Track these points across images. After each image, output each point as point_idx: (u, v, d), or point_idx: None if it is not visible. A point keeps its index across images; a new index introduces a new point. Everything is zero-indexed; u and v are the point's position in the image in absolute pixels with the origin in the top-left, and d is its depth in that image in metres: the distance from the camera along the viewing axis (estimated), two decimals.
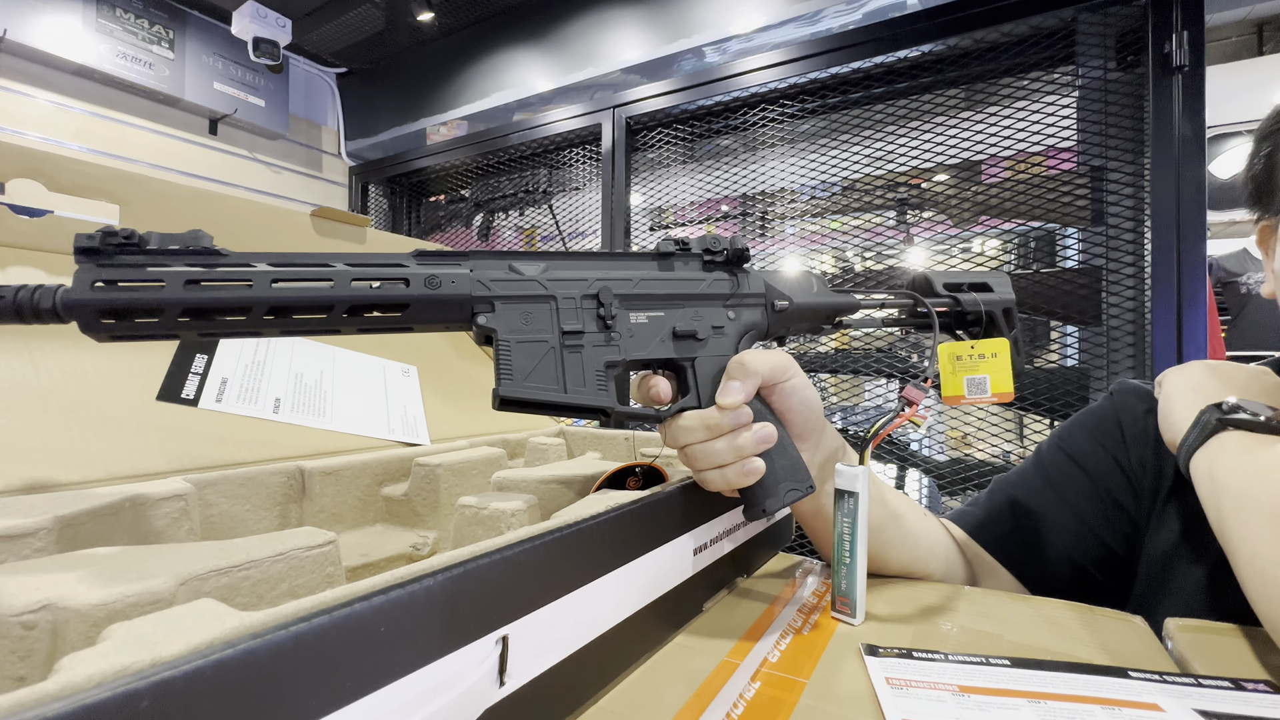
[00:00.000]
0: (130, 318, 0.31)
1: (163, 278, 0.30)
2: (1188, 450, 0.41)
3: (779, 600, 0.44)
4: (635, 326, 0.40)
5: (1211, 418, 0.41)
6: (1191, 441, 0.41)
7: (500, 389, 0.35)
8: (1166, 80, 0.96)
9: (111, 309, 0.30)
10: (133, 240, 0.30)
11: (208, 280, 0.31)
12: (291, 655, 0.17)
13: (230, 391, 0.54)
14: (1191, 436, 0.41)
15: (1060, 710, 0.29)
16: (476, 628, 0.24)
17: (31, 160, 0.50)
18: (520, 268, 0.38)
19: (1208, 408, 0.42)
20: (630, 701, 0.31)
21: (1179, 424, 0.43)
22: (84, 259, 0.30)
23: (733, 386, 0.39)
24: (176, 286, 0.31)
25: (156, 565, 0.27)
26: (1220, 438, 0.40)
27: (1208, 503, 0.39)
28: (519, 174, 1.85)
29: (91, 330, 0.30)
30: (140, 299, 0.30)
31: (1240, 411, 0.40)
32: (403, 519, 0.53)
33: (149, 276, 0.30)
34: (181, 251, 0.31)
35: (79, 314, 0.30)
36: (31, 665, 0.23)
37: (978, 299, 0.47)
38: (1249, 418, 0.40)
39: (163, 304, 0.30)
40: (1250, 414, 0.40)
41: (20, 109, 1.73)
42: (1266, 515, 0.34)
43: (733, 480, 0.38)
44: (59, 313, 0.29)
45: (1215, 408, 0.42)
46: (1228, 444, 0.39)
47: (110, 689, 0.14)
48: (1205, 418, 0.41)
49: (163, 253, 0.31)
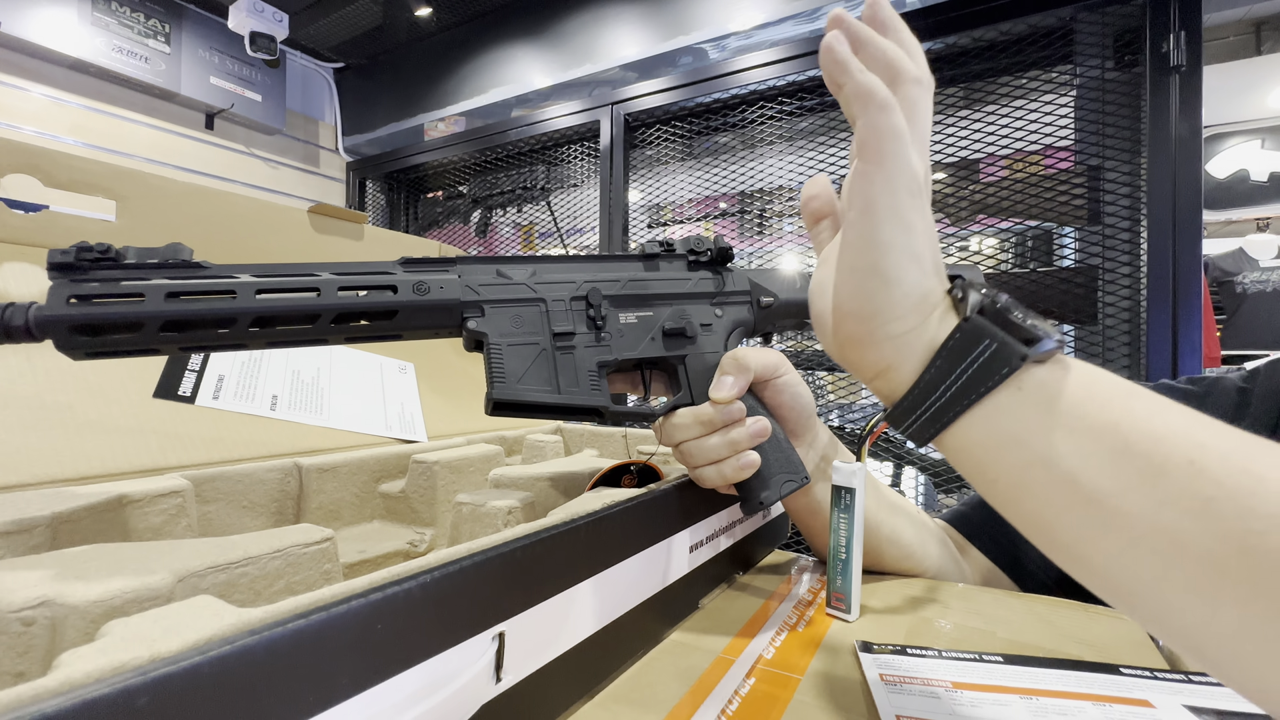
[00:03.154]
0: (108, 333, 0.30)
1: (142, 291, 0.30)
2: (945, 404, 0.24)
3: (774, 597, 0.45)
4: (625, 326, 0.40)
5: (1007, 346, 0.23)
6: (960, 387, 0.23)
7: (494, 392, 0.35)
8: (1164, 80, 0.96)
9: (88, 325, 0.29)
10: (109, 254, 0.30)
11: (189, 293, 0.30)
12: (289, 651, 0.17)
13: (227, 389, 0.54)
14: (957, 378, 0.23)
15: (1052, 706, 0.30)
16: (472, 624, 0.24)
17: (27, 155, 0.50)
18: (508, 272, 0.38)
19: (973, 319, 0.24)
20: (626, 698, 0.31)
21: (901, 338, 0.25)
22: (58, 274, 0.29)
23: (726, 381, 0.39)
24: (157, 299, 0.30)
25: (154, 562, 0.27)
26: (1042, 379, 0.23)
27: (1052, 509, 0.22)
28: (517, 170, 1.84)
29: (67, 348, 0.29)
30: (118, 313, 0.29)
31: (1036, 326, 0.23)
32: (400, 516, 0.53)
33: (127, 290, 0.30)
34: (161, 265, 0.31)
35: (53, 331, 0.29)
36: (30, 661, 0.23)
37: None
38: (1054, 344, 0.23)
39: (142, 318, 0.30)
40: (1047, 331, 0.23)
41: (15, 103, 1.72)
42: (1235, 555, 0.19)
43: (728, 475, 0.38)
44: (31, 330, 0.28)
45: (990, 318, 0.23)
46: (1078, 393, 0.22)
47: (109, 685, 0.14)
48: (990, 344, 0.23)
49: (141, 266, 0.30)
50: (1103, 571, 0.22)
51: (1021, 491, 0.23)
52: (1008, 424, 0.23)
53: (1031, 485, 0.23)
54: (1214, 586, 0.19)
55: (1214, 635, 0.19)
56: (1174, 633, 0.21)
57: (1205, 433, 0.21)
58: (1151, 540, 0.20)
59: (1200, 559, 0.19)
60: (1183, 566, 0.20)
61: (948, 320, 0.25)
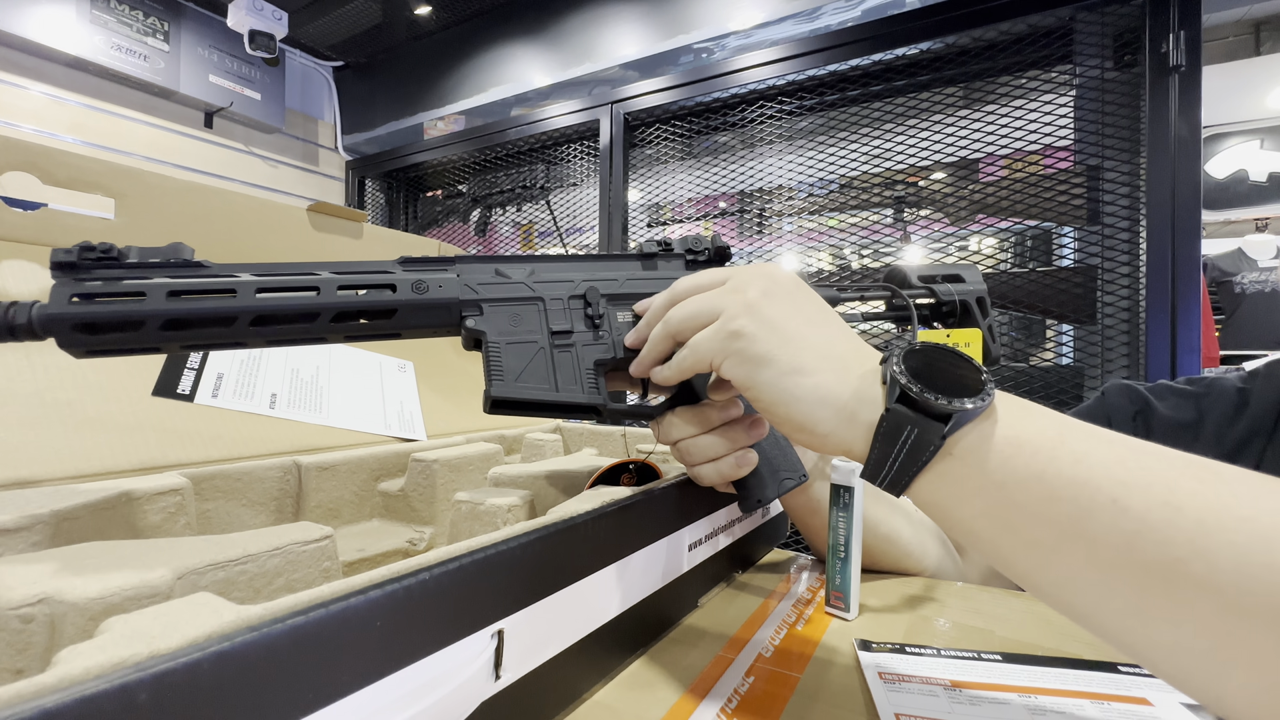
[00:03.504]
0: (110, 331, 0.30)
1: (143, 289, 0.30)
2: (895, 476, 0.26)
3: (774, 595, 0.45)
4: (623, 325, 0.40)
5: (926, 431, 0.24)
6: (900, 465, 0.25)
7: (492, 390, 0.35)
8: (1163, 80, 0.96)
9: (90, 323, 0.29)
10: (111, 254, 0.30)
11: (190, 291, 0.31)
12: (288, 649, 0.17)
13: (226, 387, 0.54)
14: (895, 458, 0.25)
15: (1051, 705, 0.30)
16: (472, 622, 0.24)
17: (26, 153, 0.50)
18: (507, 271, 0.38)
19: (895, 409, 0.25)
20: (625, 696, 0.31)
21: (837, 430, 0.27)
22: (61, 274, 0.29)
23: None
24: (158, 298, 0.30)
25: (154, 559, 0.27)
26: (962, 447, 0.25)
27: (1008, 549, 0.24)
28: (516, 169, 1.84)
29: (70, 346, 0.30)
30: (120, 311, 0.30)
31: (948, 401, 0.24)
32: (399, 514, 0.53)
33: (129, 289, 0.30)
34: (162, 264, 0.31)
35: (56, 329, 0.29)
36: (29, 658, 0.23)
37: (951, 289, 0.47)
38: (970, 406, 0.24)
39: (143, 316, 0.30)
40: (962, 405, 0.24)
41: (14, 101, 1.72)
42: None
43: (726, 473, 0.38)
44: (35, 329, 0.29)
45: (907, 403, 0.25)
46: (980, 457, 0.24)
47: (108, 681, 0.14)
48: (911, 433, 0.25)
49: (143, 265, 0.31)
50: (1056, 599, 0.24)
51: (975, 538, 0.25)
52: (949, 487, 0.25)
53: (981, 533, 0.25)
54: (1146, 610, 0.21)
55: (1155, 650, 0.21)
56: (1123, 648, 0.23)
57: (1128, 468, 0.22)
58: (1088, 574, 0.22)
59: (1132, 588, 0.21)
60: (1118, 595, 0.22)
61: (878, 402, 0.27)
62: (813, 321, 0.31)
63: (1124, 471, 0.22)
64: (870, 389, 0.27)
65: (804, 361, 0.29)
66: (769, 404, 0.30)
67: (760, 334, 0.30)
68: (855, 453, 0.28)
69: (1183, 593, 0.20)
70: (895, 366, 0.26)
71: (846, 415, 0.27)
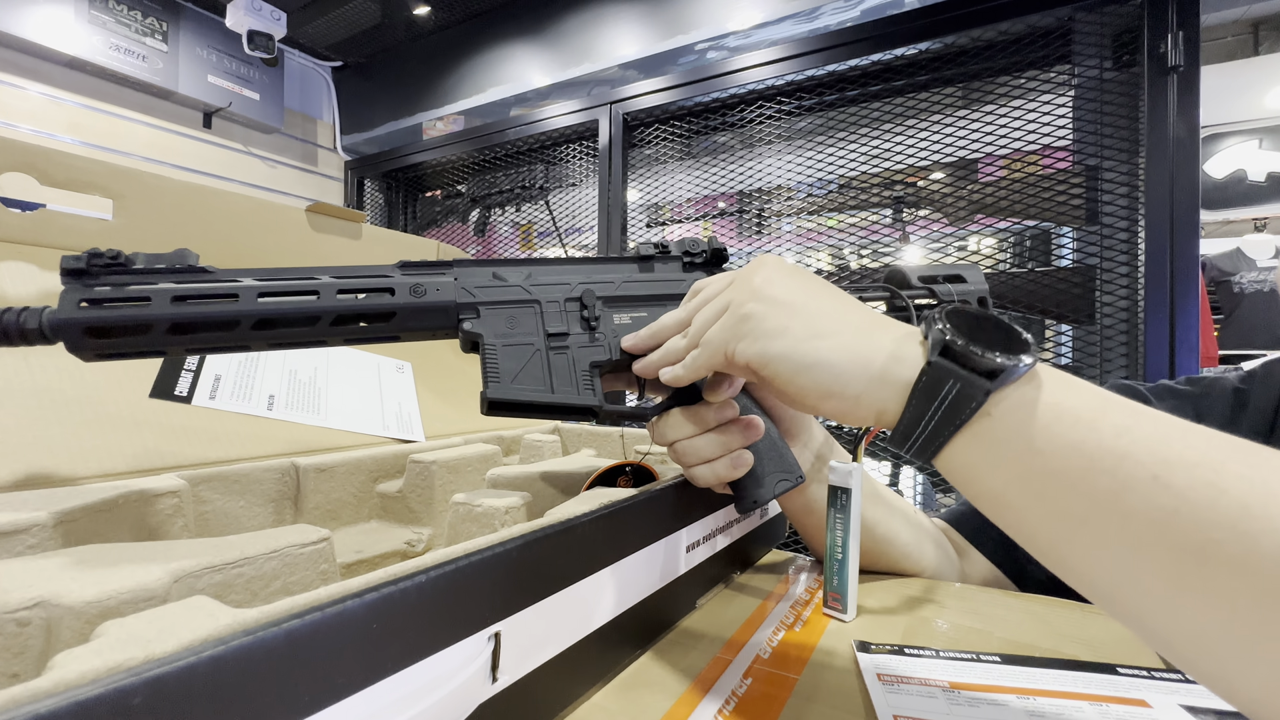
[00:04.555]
0: (117, 335, 0.31)
1: (149, 294, 0.31)
2: (929, 438, 0.25)
3: (772, 597, 0.45)
4: (619, 326, 0.40)
5: (970, 383, 0.24)
6: (936, 423, 0.25)
7: (488, 391, 0.36)
8: (1161, 80, 0.96)
9: (98, 327, 0.30)
10: (119, 260, 0.31)
11: (194, 296, 0.32)
12: (285, 652, 0.17)
13: (224, 388, 0.54)
14: (933, 416, 0.25)
15: (1049, 706, 0.30)
16: (469, 624, 0.24)
17: (24, 154, 0.50)
18: (504, 274, 0.39)
19: (938, 361, 0.25)
20: (623, 698, 0.31)
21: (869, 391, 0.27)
22: (70, 280, 0.30)
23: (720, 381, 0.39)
24: (163, 303, 0.31)
25: (150, 562, 0.27)
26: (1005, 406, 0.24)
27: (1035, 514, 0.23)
28: (516, 170, 1.84)
29: (79, 350, 0.31)
30: (127, 316, 0.31)
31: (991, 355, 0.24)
32: (397, 516, 0.53)
33: (135, 294, 0.31)
34: (168, 270, 0.32)
35: (66, 334, 0.30)
36: (25, 662, 0.23)
37: (952, 290, 0.47)
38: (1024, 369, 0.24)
39: (150, 320, 0.31)
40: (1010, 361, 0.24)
41: (12, 101, 1.72)
42: None
43: (722, 474, 0.38)
44: (45, 333, 0.30)
45: (949, 355, 0.24)
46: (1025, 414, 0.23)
47: (104, 685, 0.14)
48: (955, 383, 0.24)
49: (149, 271, 0.32)
50: (1079, 575, 0.23)
51: (1003, 506, 0.25)
52: (984, 449, 0.24)
53: (1010, 500, 0.24)
54: (1176, 591, 0.20)
55: (1178, 634, 0.21)
56: (1146, 632, 0.22)
57: (1173, 446, 0.21)
58: (1118, 550, 0.21)
59: (1164, 567, 0.20)
60: (1147, 573, 0.21)
61: (917, 359, 0.26)
62: (820, 294, 0.30)
63: (1167, 449, 0.21)
64: (908, 348, 0.26)
65: (821, 327, 0.28)
66: (790, 376, 0.28)
67: (770, 311, 0.30)
68: (888, 414, 0.26)
69: (1218, 575, 0.19)
70: (940, 323, 0.25)
71: (877, 374, 0.26)
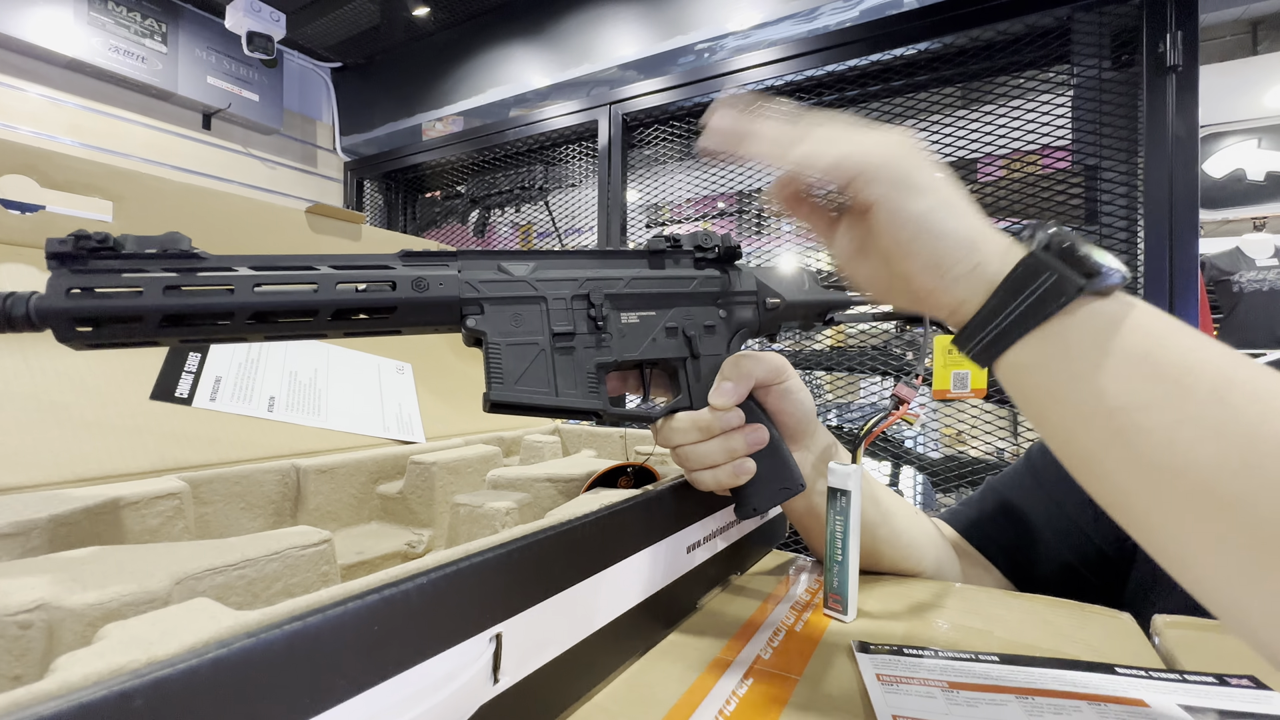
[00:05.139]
0: (108, 325, 0.30)
1: (141, 284, 0.29)
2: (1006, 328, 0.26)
3: (772, 598, 0.45)
4: (626, 327, 0.39)
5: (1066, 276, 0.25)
6: (1020, 313, 0.26)
7: (491, 393, 0.35)
8: (1160, 80, 0.96)
9: (88, 317, 0.29)
10: (107, 244, 0.29)
11: (188, 285, 0.30)
12: (286, 654, 0.18)
13: (224, 390, 0.54)
14: (1018, 305, 0.26)
15: (1048, 706, 0.30)
16: (470, 626, 0.24)
17: (24, 156, 0.50)
18: (509, 268, 0.37)
19: (1040, 253, 0.26)
20: (623, 699, 0.31)
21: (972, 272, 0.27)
22: (57, 265, 0.29)
23: (725, 388, 0.39)
24: (156, 293, 0.30)
25: (152, 565, 0.27)
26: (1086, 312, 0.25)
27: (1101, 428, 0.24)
28: (515, 170, 1.84)
29: (68, 339, 0.29)
30: (118, 306, 0.29)
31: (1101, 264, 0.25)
32: (398, 517, 0.53)
33: (126, 283, 0.29)
34: (159, 255, 0.30)
35: (53, 322, 0.29)
36: (27, 664, 0.23)
37: None
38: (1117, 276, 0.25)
39: (142, 311, 0.29)
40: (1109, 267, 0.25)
41: (12, 103, 1.72)
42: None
43: (724, 481, 0.38)
44: (33, 320, 0.28)
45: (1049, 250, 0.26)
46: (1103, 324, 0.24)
47: (106, 688, 0.14)
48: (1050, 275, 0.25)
49: (140, 256, 0.30)
50: (1112, 477, 0.24)
51: (1055, 402, 0.25)
52: (1054, 348, 0.25)
53: (1065, 397, 0.25)
54: (1209, 499, 0.21)
55: (1202, 546, 0.22)
56: (1166, 539, 0.23)
57: (1240, 370, 0.22)
58: (1161, 453, 0.22)
59: (1201, 474, 0.21)
60: (1184, 479, 0.22)
61: (1014, 256, 0.26)
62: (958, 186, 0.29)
63: (1231, 370, 0.22)
64: (1014, 252, 0.27)
65: (960, 203, 0.28)
66: (911, 234, 0.27)
67: (925, 164, 0.28)
68: (967, 306, 0.27)
69: (1249, 491, 0.20)
70: (1050, 228, 0.26)
71: (975, 265, 0.27)
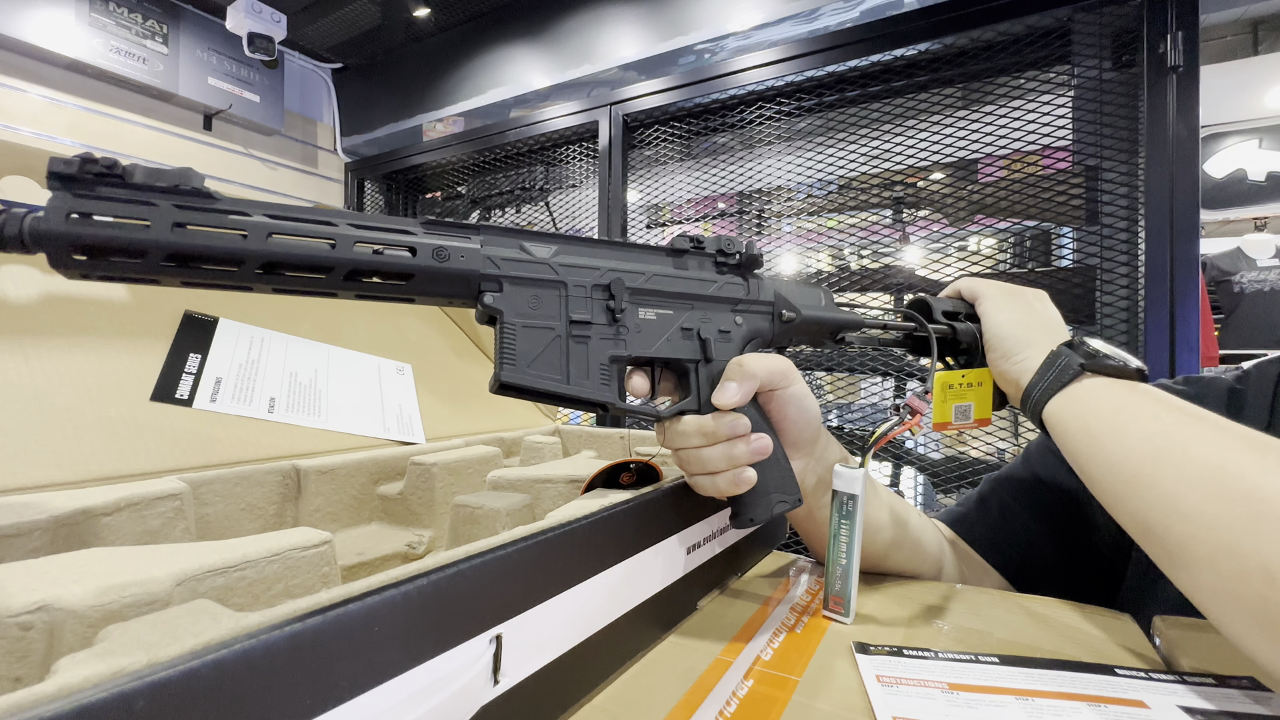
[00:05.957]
0: (107, 256, 0.28)
1: (149, 217, 0.27)
2: (1042, 393, 0.41)
3: (772, 599, 0.45)
4: (643, 322, 0.39)
5: (1072, 361, 0.40)
6: (1048, 384, 0.41)
7: (502, 374, 0.34)
8: (1161, 80, 0.96)
9: (88, 245, 0.27)
10: (115, 170, 0.27)
11: (198, 225, 0.28)
12: (287, 656, 0.18)
13: (224, 391, 0.54)
14: (1048, 379, 0.41)
15: (1047, 707, 0.30)
16: (470, 627, 0.24)
17: (25, 157, 0.50)
18: (532, 248, 0.36)
19: (1062, 348, 0.41)
20: (624, 700, 0.31)
21: (1025, 360, 0.43)
22: (59, 185, 0.27)
23: (729, 388, 0.39)
24: (164, 228, 0.27)
25: (152, 566, 0.27)
26: (1085, 384, 0.40)
27: (1084, 454, 0.38)
28: (516, 171, 1.84)
29: (61, 266, 0.27)
30: (122, 237, 0.27)
31: (1100, 356, 0.40)
32: (398, 518, 0.54)
33: (133, 213, 0.27)
34: (169, 190, 0.28)
35: (49, 246, 0.26)
36: (28, 666, 0.23)
37: (972, 329, 0.48)
38: (1114, 364, 0.39)
39: (146, 245, 0.27)
40: (1109, 358, 0.40)
41: (13, 104, 1.72)
42: (1207, 489, 0.30)
43: (723, 488, 0.38)
44: (25, 241, 0.26)
45: (1070, 348, 0.41)
46: (1096, 392, 0.39)
47: (107, 690, 0.14)
48: (1064, 361, 0.41)
49: (149, 188, 0.28)
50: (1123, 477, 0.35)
51: (1084, 438, 0.38)
52: (1071, 404, 0.40)
53: (1094, 429, 0.38)
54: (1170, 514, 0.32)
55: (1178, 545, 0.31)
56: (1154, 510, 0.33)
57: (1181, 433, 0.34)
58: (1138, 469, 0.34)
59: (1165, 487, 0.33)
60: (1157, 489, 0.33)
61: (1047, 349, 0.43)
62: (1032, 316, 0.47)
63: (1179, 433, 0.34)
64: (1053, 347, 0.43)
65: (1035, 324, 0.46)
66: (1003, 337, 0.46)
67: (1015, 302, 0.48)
68: (1024, 379, 0.43)
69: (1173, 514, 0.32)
70: (1077, 336, 0.43)
71: (1034, 355, 0.43)
